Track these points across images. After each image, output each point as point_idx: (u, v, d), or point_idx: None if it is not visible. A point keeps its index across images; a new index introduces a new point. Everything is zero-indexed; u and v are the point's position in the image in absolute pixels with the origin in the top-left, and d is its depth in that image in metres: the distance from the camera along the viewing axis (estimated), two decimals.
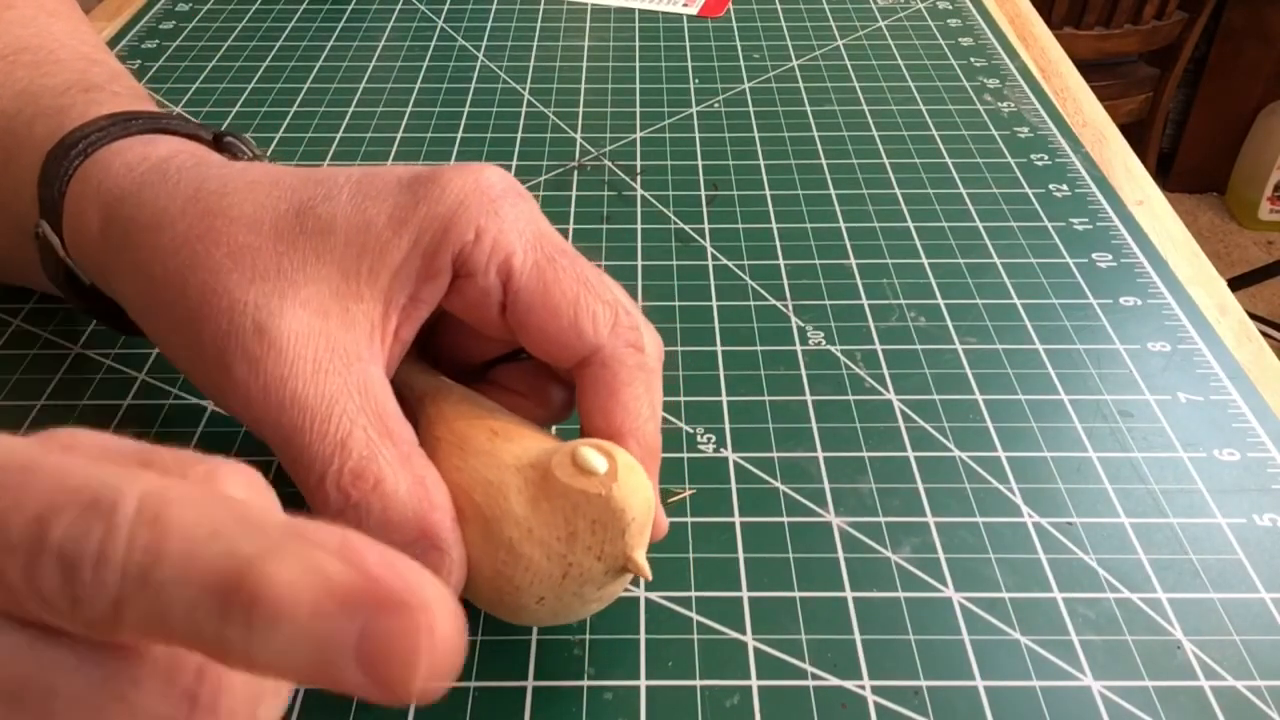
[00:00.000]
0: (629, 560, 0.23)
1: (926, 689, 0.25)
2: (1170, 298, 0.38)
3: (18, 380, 0.34)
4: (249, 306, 0.24)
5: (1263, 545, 0.29)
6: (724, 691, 0.25)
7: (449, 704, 0.25)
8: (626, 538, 0.23)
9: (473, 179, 0.25)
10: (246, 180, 0.26)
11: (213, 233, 0.25)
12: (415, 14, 0.61)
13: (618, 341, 0.25)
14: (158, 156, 0.28)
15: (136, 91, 0.34)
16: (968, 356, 0.36)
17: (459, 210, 0.25)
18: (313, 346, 0.24)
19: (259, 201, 0.26)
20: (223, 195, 0.26)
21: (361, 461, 0.23)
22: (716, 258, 0.41)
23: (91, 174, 0.29)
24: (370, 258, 0.25)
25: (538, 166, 0.46)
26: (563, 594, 0.23)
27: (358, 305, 0.25)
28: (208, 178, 0.27)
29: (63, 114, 0.31)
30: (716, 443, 0.32)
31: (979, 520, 0.30)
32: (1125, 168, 0.47)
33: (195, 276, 0.25)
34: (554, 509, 0.22)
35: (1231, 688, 0.25)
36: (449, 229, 0.25)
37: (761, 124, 0.50)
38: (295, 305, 0.24)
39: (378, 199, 0.25)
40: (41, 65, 0.34)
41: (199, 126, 0.32)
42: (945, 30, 0.59)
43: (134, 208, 0.27)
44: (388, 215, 0.25)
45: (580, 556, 0.23)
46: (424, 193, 0.25)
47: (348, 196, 0.25)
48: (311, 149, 0.48)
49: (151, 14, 0.60)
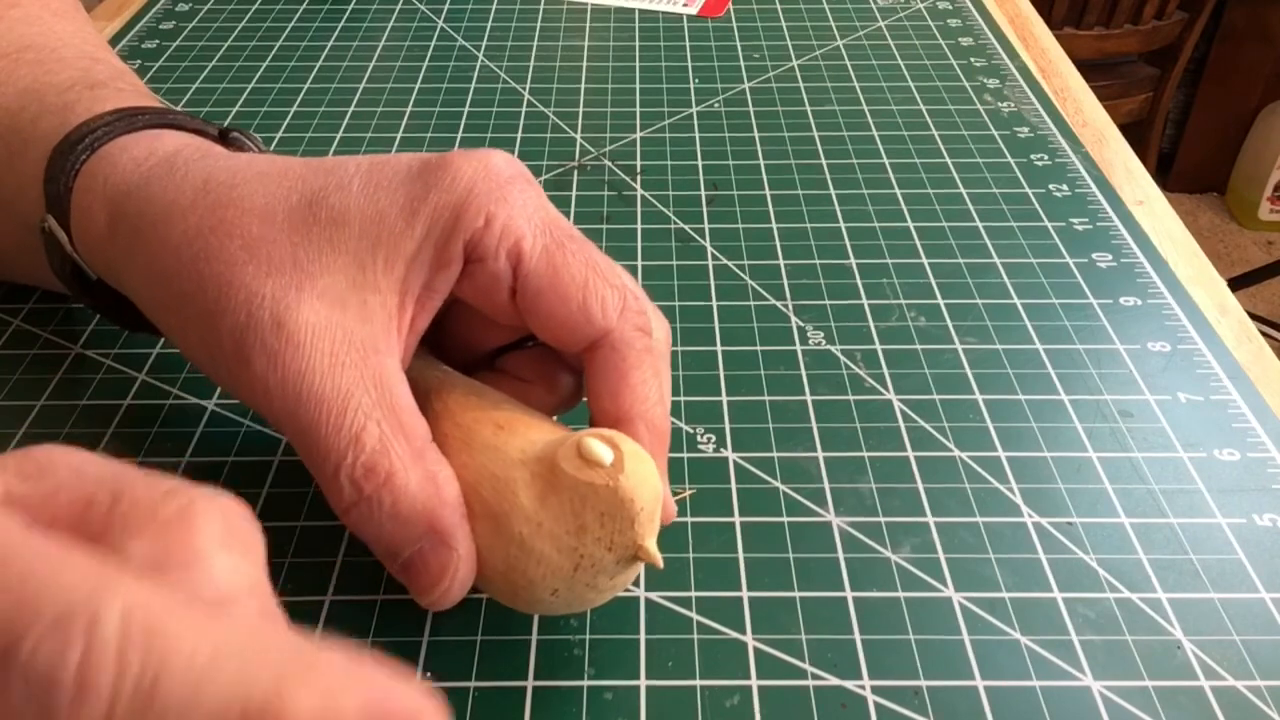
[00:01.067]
0: (640, 549, 0.23)
1: (926, 689, 0.25)
2: (1170, 298, 0.38)
3: (18, 380, 0.34)
4: (266, 300, 0.24)
5: (1263, 545, 0.29)
6: (724, 691, 0.25)
7: (449, 703, 0.25)
8: (636, 527, 0.23)
9: (481, 164, 0.25)
10: (255, 171, 0.26)
11: (225, 224, 0.25)
12: (415, 14, 0.61)
13: (626, 325, 0.25)
14: (164, 151, 0.29)
15: (140, 89, 0.34)
16: (968, 356, 0.36)
17: (469, 197, 0.25)
18: (329, 339, 0.24)
19: (270, 192, 0.26)
20: (232, 186, 0.26)
21: (374, 456, 0.23)
22: (716, 258, 0.41)
23: (98, 169, 0.29)
24: (385, 248, 0.25)
25: (538, 167, 0.46)
26: (575, 585, 0.23)
27: (374, 296, 0.25)
28: (216, 169, 0.27)
29: (67, 110, 0.31)
30: (716, 443, 0.32)
31: (979, 520, 0.30)
32: (1125, 168, 0.47)
33: (210, 268, 0.25)
34: (562, 502, 0.22)
35: (1231, 688, 0.25)
36: (460, 216, 0.25)
37: (761, 124, 0.50)
38: (312, 297, 0.24)
39: (389, 189, 0.25)
40: (45, 63, 0.34)
41: (205, 123, 0.32)
42: (945, 30, 0.59)
43: (143, 201, 0.27)
44: (400, 205, 0.25)
45: (591, 548, 0.23)
46: (434, 181, 0.25)
47: (359, 186, 0.26)
48: (311, 149, 0.48)
49: (151, 14, 0.60)
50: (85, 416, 0.33)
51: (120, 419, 0.33)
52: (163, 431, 0.32)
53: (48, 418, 0.33)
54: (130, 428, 0.33)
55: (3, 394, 0.34)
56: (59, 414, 0.33)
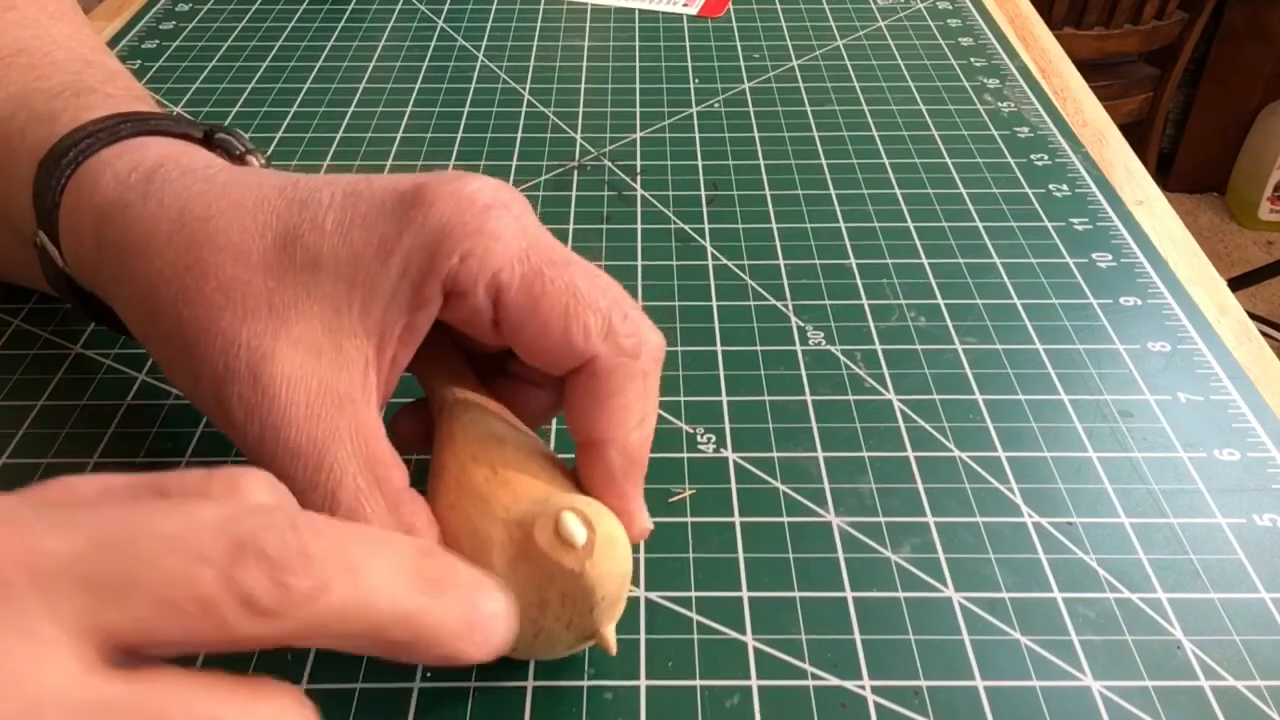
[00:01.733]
0: (596, 635, 0.24)
1: (926, 689, 0.25)
2: (1170, 298, 0.38)
3: (18, 380, 0.34)
4: (242, 350, 0.24)
5: (1263, 545, 0.29)
6: (724, 691, 0.25)
7: (449, 704, 0.25)
8: (595, 614, 0.23)
9: (456, 195, 0.25)
10: (231, 200, 0.26)
11: (201, 264, 0.25)
12: (415, 14, 0.61)
13: (609, 350, 0.25)
14: (146, 167, 0.28)
15: (131, 91, 0.34)
16: (968, 356, 0.36)
17: (444, 234, 0.24)
18: (304, 391, 0.24)
19: (245, 227, 0.25)
20: (207, 220, 0.26)
21: (349, 512, 0.23)
22: (716, 258, 0.41)
23: (83, 186, 0.29)
24: (361, 291, 0.24)
25: (538, 166, 0.46)
26: (534, 648, 0.24)
27: (350, 341, 0.24)
28: (192, 196, 0.26)
29: (54, 120, 0.31)
30: (716, 443, 0.32)
31: (979, 520, 0.30)
32: (1125, 168, 0.47)
33: (189, 311, 0.25)
34: (530, 574, 0.23)
35: (1231, 688, 0.25)
36: (435, 255, 0.24)
37: (761, 124, 0.50)
38: (287, 346, 0.24)
39: (363, 226, 0.25)
40: (37, 67, 0.34)
41: (190, 125, 0.32)
42: (945, 30, 0.59)
43: (121, 230, 0.27)
44: (375, 246, 0.25)
45: (550, 624, 0.23)
46: (408, 219, 0.25)
47: (333, 223, 0.25)
48: (311, 149, 0.48)
49: (151, 14, 0.60)
50: (85, 416, 0.33)
51: (120, 419, 0.33)
52: (163, 432, 0.32)
53: (48, 418, 0.33)
54: (130, 428, 0.33)
55: (3, 394, 0.34)
56: (59, 414, 0.33)
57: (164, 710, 0.15)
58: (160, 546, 0.16)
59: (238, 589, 0.16)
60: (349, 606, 0.17)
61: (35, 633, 0.15)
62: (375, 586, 0.18)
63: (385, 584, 0.18)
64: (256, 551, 0.16)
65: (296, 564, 0.17)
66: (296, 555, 0.17)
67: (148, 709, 0.15)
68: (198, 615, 0.16)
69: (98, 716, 0.15)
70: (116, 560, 0.16)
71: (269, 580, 0.16)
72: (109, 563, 0.16)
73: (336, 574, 0.17)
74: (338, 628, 0.17)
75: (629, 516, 0.25)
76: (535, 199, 0.44)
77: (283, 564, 0.17)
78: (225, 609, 0.16)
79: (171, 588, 0.16)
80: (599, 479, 0.25)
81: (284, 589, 0.16)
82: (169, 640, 0.16)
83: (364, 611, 0.18)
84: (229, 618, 0.16)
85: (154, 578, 0.16)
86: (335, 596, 0.17)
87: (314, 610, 0.17)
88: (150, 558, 0.16)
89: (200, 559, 0.16)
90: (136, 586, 0.16)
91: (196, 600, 0.16)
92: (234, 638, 0.16)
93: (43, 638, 0.15)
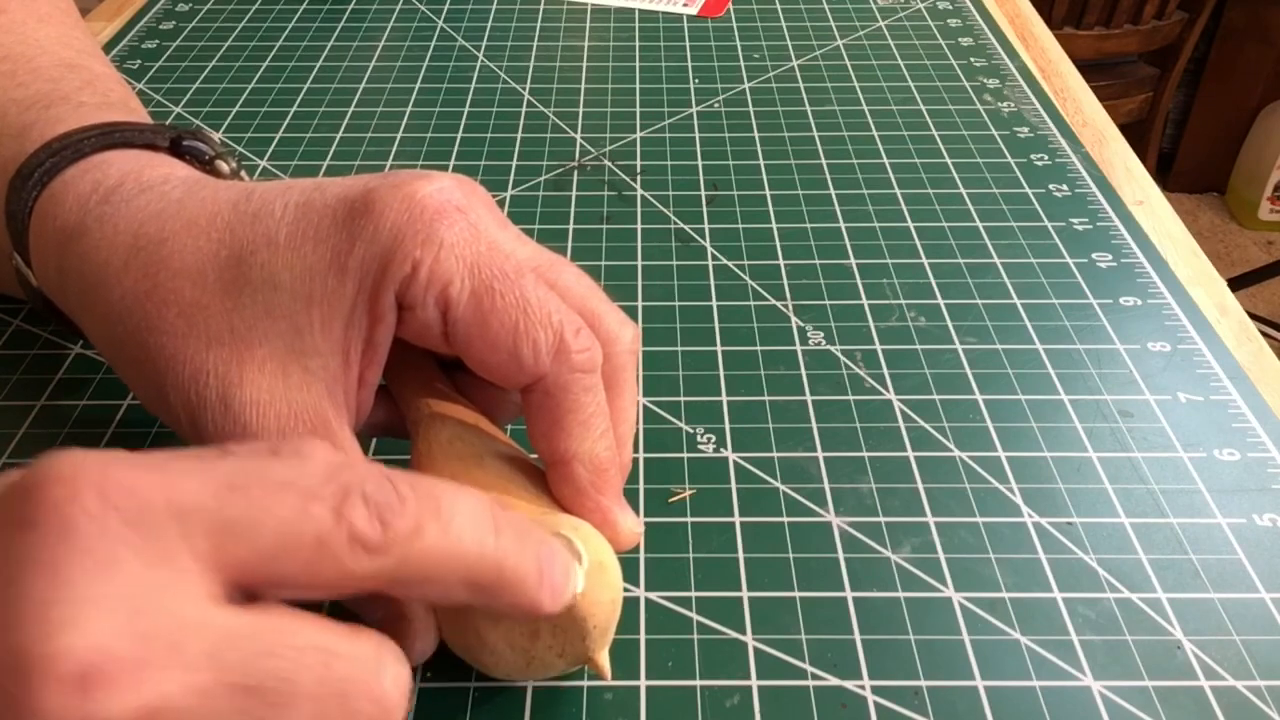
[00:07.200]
0: (590, 662, 0.24)
1: (926, 689, 0.25)
2: (1170, 298, 0.38)
3: (18, 380, 0.34)
4: (211, 377, 0.24)
5: (1263, 545, 0.29)
6: (724, 691, 0.25)
7: (449, 704, 0.25)
8: (587, 642, 0.23)
9: (406, 201, 0.24)
10: (184, 220, 0.26)
11: (159, 290, 0.25)
12: (415, 14, 0.61)
13: (561, 367, 0.24)
14: (106, 187, 0.28)
15: (107, 98, 0.33)
16: (968, 356, 0.36)
17: (394, 244, 0.24)
18: (274, 415, 0.24)
19: (199, 248, 0.25)
20: (161, 242, 0.25)
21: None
22: (716, 258, 0.41)
23: (47, 211, 0.28)
24: (319, 308, 0.24)
25: (538, 166, 0.46)
26: (529, 675, 0.24)
27: (315, 360, 0.24)
28: (148, 218, 0.26)
29: (24, 135, 0.30)
30: (716, 443, 0.32)
31: (979, 520, 0.30)
32: (1125, 168, 0.47)
33: (153, 339, 0.25)
34: None
35: (1231, 688, 0.25)
36: (387, 267, 0.24)
37: (761, 124, 0.50)
38: (254, 369, 0.24)
39: (316, 239, 0.24)
40: (16, 75, 0.33)
41: (155, 132, 0.31)
42: (945, 30, 0.59)
43: (79, 259, 0.27)
44: (328, 261, 0.24)
45: (543, 654, 0.23)
46: (358, 230, 0.24)
47: (285, 238, 0.24)
48: (311, 149, 0.48)
49: (151, 14, 0.60)
50: (85, 416, 0.33)
51: (120, 419, 0.33)
52: (163, 432, 0.32)
53: (48, 418, 0.33)
54: (130, 428, 0.33)
55: (3, 394, 0.34)
56: (59, 414, 0.33)
57: (281, 639, 0.17)
58: (279, 491, 0.18)
59: (348, 526, 0.18)
60: (443, 548, 0.19)
61: (176, 562, 0.17)
62: (461, 530, 0.19)
63: (470, 529, 0.20)
64: (362, 495, 0.18)
65: (397, 506, 0.18)
66: (396, 499, 0.18)
67: (267, 637, 0.17)
68: (315, 550, 0.18)
69: (225, 640, 0.16)
70: (243, 502, 0.17)
71: (376, 519, 0.18)
72: (236, 504, 0.17)
73: (429, 518, 0.19)
74: (434, 568, 0.19)
75: (611, 528, 0.25)
76: (535, 199, 0.44)
77: (386, 505, 0.18)
78: (338, 545, 0.18)
79: (292, 524, 0.18)
80: (570, 496, 0.25)
81: (388, 527, 0.18)
82: (288, 575, 0.18)
83: (456, 551, 0.19)
84: (341, 554, 0.18)
85: (276, 516, 0.18)
86: (430, 538, 0.19)
87: (414, 549, 0.18)
88: (272, 500, 0.18)
89: (316, 499, 0.18)
90: (261, 525, 0.17)
91: (314, 536, 0.18)
92: (345, 572, 0.18)
93: (181, 567, 0.17)
